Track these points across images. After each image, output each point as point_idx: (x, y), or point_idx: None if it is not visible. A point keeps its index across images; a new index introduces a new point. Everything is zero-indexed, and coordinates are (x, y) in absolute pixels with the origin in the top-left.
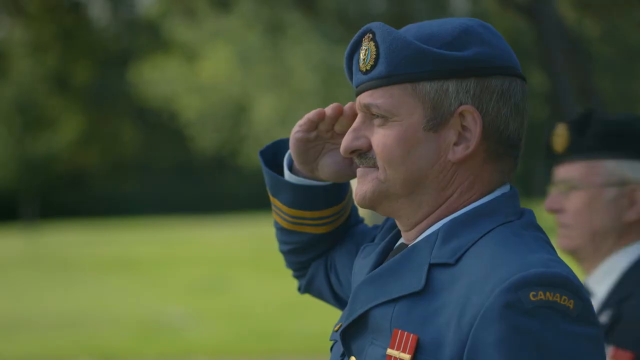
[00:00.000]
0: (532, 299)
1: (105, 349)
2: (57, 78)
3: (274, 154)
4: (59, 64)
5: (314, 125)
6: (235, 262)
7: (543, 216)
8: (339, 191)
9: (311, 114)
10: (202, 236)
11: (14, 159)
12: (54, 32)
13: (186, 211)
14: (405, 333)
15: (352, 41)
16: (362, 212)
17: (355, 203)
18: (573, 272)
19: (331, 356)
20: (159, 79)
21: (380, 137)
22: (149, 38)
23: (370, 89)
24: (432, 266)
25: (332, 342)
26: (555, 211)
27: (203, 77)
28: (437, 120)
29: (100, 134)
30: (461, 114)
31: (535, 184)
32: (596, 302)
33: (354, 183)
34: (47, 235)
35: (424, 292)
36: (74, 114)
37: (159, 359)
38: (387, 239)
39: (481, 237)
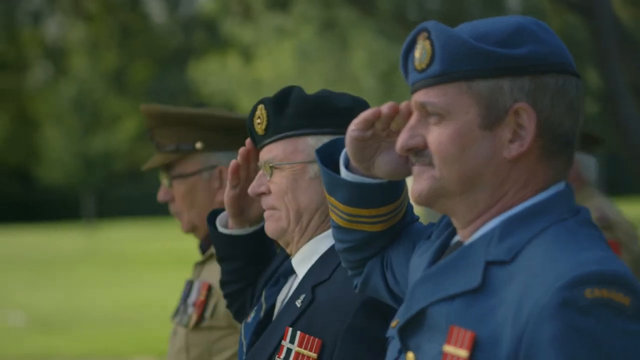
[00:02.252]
0: (588, 296)
1: (161, 346)
2: (116, 76)
3: (330, 152)
4: (117, 62)
5: (370, 124)
6: None
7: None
8: (395, 189)
9: (367, 113)
10: None
11: (74, 157)
12: (113, 31)
13: None
14: (463, 330)
15: (407, 40)
16: (417, 209)
17: (411, 201)
18: (629, 270)
19: (388, 352)
20: (216, 77)
21: (435, 136)
22: (207, 36)
23: (425, 87)
24: (488, 264)
25: (389, 339)
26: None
27: (260, 74)
28: (492, 118)
29: None
30: (516, 112)
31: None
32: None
33: (409, 181)
34: (105, 231)
35: (481, 290)
36: (133, 112)
37: None
38: (443, 237)
39: (537, 235)
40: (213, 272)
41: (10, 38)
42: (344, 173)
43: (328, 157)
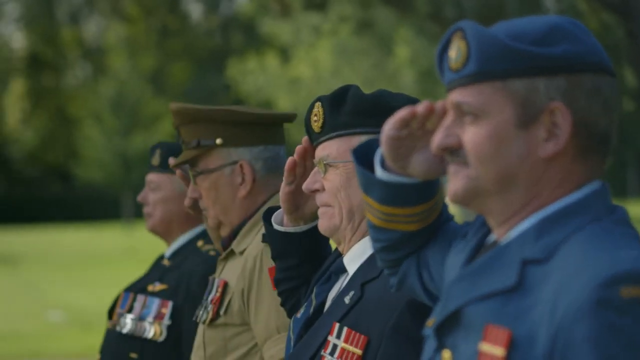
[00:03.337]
0: (624, 295)
1: None
2: (155, 76)
3: (366, 152)
4: (156, 62)
5: (405, 123)
6: None
7: None
8: (430, 188)
9: (403, 113)
10: None
11: (113, 156)
12: (152, 31)
13: None
14: (499, 328)
15: (442, 40)
16: (452, 208)
17: (447, 200)
18: None
19: (425, 351)
20: (254, 76)
21: (471, 135)
22: (244, 36)
23: (460, 86)
24: (524, 263)
25: (425, 337)
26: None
27: (298, 73)
28: (527, 118)
29: None
30: (551, 111)
31: (629, 180)
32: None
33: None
34: (144, 230)
35: (517, 289)
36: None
37: None
38: (478, 236)
39: (572, 234)
40: (231, 270)
41: (50, 38)
42: (379, 172)
43: (364, 157)
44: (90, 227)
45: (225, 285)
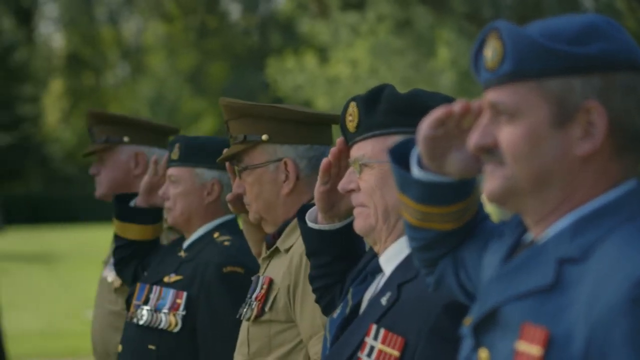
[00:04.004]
0: None
1: None
2: (194, 75)
3: (401, 151)
4: (195, 61)
5: (441, 123)
6: None
7: None
8: (466, 187)
9: (439, 112)
10: None
11: None
12: (191, 31)
13: None
14: (536, 327)
15: (477, 40)
16: (488, 207)
17: (484, 199)
18: None
19: (462, 350)
20: (293, 76)
21: (506, 134)
22: (283, 35)
23: (496, 86)
24: (560, 262)
25: (462, 336)
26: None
27: (337, 73)
28: (562, 117)
29: None
30: (587, 110)
31: None
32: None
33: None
34: None
35: (554, 288)
36: (210, 111)
37: None
38: (515, 235)
39: (607, 234)
40: (276, 267)
41: (89, 38)
42: (416, 172)
43: (400, 156)
44: None
45: (271, 282)
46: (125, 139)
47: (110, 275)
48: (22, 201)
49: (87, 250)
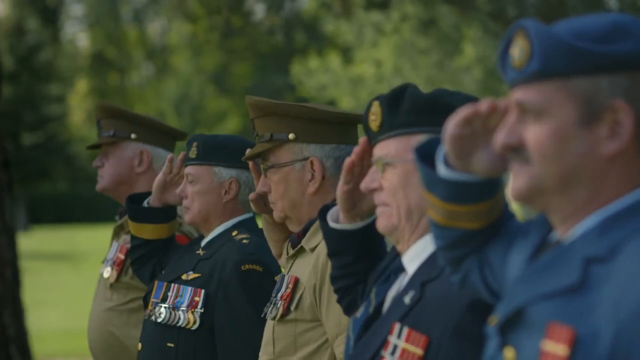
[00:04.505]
0: None
1: None
2: (218, 75)
3: (427, 150)
4: (219, 61)
5: (468, 122)
6: None
7: None
8: (492, 186)
9: (466, 112)
10: None
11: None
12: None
13: None
14: (562, 327)
15: (504, 38)
16: (514, 206)
17: (510, 198)
18: None
19: (487, 349)
20: (317, 75)
21: (533, 133)
22: (307, 35)
23: (523, 85)
24: (587, 261)
25: (487, 335)
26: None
27: (362, 72)
28: (589, 116)
29: None
30: (613, 109)
31: None
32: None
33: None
34: None
35: (580, 288)
36: (235, 110)
37: None
38: (541, 234)
39: (634, 232)
40: (301, 266)
41: (114, 38)
42: (442, 171)
43: (424, 155)
44: None
45: (296, 282)
46: (133, 135)
47: (106, 271)
48: (48, 200)
49: None
